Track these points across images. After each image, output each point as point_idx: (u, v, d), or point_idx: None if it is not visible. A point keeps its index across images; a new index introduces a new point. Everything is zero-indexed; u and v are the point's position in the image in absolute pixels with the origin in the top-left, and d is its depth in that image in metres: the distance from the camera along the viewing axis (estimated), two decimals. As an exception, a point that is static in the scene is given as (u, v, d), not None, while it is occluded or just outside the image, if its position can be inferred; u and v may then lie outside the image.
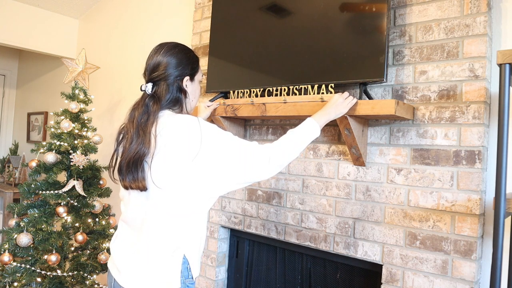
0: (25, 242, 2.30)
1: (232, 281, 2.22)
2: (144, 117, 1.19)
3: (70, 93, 2.65)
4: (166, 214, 1.17)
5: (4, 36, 3.51)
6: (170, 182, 1.15)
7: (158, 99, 1.23)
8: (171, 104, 1.27)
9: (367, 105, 1.44)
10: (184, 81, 1.30)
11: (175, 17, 2.81)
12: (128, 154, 1.16)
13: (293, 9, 1.82)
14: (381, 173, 1.62)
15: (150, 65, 1.28)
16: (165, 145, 1.15)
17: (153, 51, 1.30)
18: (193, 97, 1.36)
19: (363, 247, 1.64)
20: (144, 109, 1.21)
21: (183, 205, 1.17)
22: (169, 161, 1.14)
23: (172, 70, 1.26)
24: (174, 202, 1.16)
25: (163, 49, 1.29)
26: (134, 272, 1.19)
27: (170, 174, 1.14)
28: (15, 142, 4.85)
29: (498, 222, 1.08)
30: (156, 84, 1.26)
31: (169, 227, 1.17)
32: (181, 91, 1.29)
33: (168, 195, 1.16)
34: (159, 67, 1.26)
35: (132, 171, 1.16)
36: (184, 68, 1.29)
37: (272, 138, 2.00)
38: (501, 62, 1.10)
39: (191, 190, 1.17)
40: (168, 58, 1.27)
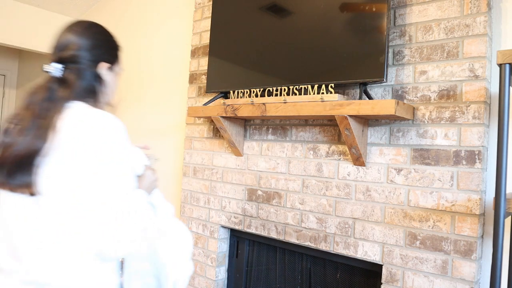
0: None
1: (232, 281, 2.22)
2: (45, 104, 0.94)
3: (70, 93, 2.64)
4: (56, 227, 0.90)
5: (4, 36, 3.51)
6: (59, 191, 0.89)
7: (68, 85, 0.98)
8: (85, 94, 1.01)
9: (367, 105, 1.44)
10: (103, 67, 1.06)
11: (175, 17, 2.81)
12: (18, 148, 0.90)
13: (293, 9, 1.82)
14: (381, 173, 1.62)
15: (60, 42, 1.03)
16: (69, 145, 0.90)
17: (68, 27, 1.06)
18: (110, 89, 1.11)
19: (363, 247, 1.64)
20: (47, 95, 0.96)
21: (75, 219, 0.90)
22: (69, 166, 0.89)
23: (90, 51, 1.03)
24: (64, 214, 0.90)
25: (80, 25, 1.06)
26: None
27: (61, 181, 0.89)
28: (15, 142, 4.85)
29: (498, 222, 1.08)
30: (67, 67, 1.00)
31: (63, 243, 0.90)
32: (97, 78, 1.04)
33: (59, 206, 0.90)
34: (72, 46, 1.01)
35: (20, 170, 0.89)
36: (104, 53, 1.07)
37: (272, 138, 2.00)
38: (501, 62, 1.10)
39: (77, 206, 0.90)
40: (86, 37, 1.04)
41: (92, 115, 0.94)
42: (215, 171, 2.24)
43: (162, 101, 2.77)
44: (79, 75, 1.00)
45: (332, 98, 1.58)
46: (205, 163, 2.30)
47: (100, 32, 1.09)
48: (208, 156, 2.29)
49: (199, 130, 2.35)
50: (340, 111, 1.50)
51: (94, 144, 0.90)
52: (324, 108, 1.55)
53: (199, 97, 2.36)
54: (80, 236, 0.90)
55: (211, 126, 2.29)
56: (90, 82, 1.02)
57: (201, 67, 2.37)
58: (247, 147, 2.11)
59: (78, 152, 0.89)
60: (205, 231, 2.25)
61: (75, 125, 0.91)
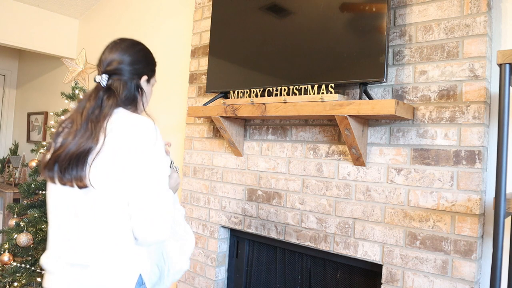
0: (25, 242, 2.30)
1: (232, 281, 2.22)
2: (97, 110, 1.08)
3: (70, 93, 2.65)
4: (105, 217, 1.05)
5: (4, 36, 3.51)
6: (110, 185, 1.04)
7: (114, 94, 1.12)
8: (127, 102, 1.16)
9: (367, 105, 1.44)
10: (142, 80, 1.23)
11: (175, 17, 2.81)
12: (71, 147, 1.03)
13: (293, 9, 1.82)
14: (381, 173, 1.62)
15: (108, 57, 1.18)
16: (114, 145, 1.04)
17: (114, 43, 1.22)
18: (146, 99, 1.27)
19: (363, 247, 1.64)
20: (96, 102, 1.10)
21: (120, 210, 1.05)
22: (116, 163, 1.04)
23: (134, 66, 1.19)
24: (112, 206, 1.04)
25: (125, 43, 1.22)
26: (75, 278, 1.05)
27: (112, 176, 1.04)
28: (15, 142, 4.85)
29: (498, 222, 1.08)
30: (112, 78, 1.16)
31: (110, 232, 1.05)
32: (138, 89, 1.20)
33: (108, 197, 1.04)
34: (119, 60, 1.17)
35: (73, 166, 1.03)
36: (144, 67, 1.24)
37: (272, 138, 2.00)
38: (501, 62, 1.10)
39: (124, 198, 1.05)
40: (132, 53, 1.21)
41: (137, 119, 1.09)
42: (215, 171, 2.24)
43: (162, 101, 2.77)
44: (123, 85, 1.16)
45: (332, 98, 1.58)
46: (205, 163, 2.30)
47: (141, 50, 1.26)
48: (208, 156, 2.29)
49: (199, 130, 2.35)
50: (340, 111, 1.50)
51: (139, 144, 1.04)
52: (324, 108, 1.55)
53: (199, 97, 2.36)
54: (127, 224, 1.05)
55: (211, 126, 2.29)
56: (132, 92, 1.18)
57: (201, 67, 2.37)
58: (247, 147, 2.11)
59: (126, 151, 1.03)
60: (205, 231, 2.25)
61: (123, 128, 1.06)
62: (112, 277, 1.05)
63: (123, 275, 1.07)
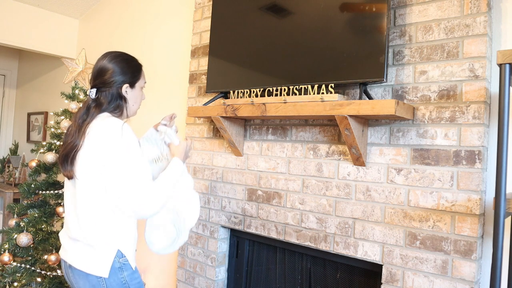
0: (25, 242, 2.30)
1: (232, 281, 2.22)
2: (83, 117, 1.37)
3: (70, 93, 2.65)
4: (84, 202, 1.33)
5: (4, 36, 3.51)
6: (86, 175, 1.32)
7: (99, 104, 1.39)
8: (112, 109, 1.41)
9: (367, 105, 1.44)
10: (124, 88, 1.43)
11: (175, 17, 2.81)
12: (66, 147, 1.35)
13: (293, 9, 1.82)
14: (381, 173, 1.62)
15: (94, 72, 1.43)
16: (89, 143, 1.32)
17: (98, 59, 1.44)
18: (133, 102, 1.48)
19: (363, 247, 1.64)
20: (85, 111, 1.39)
21: (96, 197, 1.32)
22: (88, 157, 1.31)
23: (113, 77, 1.40)
24: (90, 193, 1.32)
25: (106, 58, 1.43)
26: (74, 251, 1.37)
27: (87, 168, 1.32)
28: (15, 142, 4.85)
29: (498, 222, 1.08)
30: (99, 90, 1.41)
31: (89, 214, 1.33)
32: (120, 97, 1.42)
33: (86, 186, 1.32)
34: (101, 75, 1.40)
35: (65, 161, 1.34)
36: (123, 76, 1.42)
37: (272, 138, 2.00)
38: (501, 62, 1.10)
39: (100, 187, 1.31)
40: (110, 66, 1.41)
41: (106, 122, 1.31)
42: (215, 171, 2.24)
43: (162, 101, 2.77)
44: (107, 96, 1.40)
45: (332, 98, 1.58)
46: (205, 163, 2.30)
47: (120, 61, 1.43)
48: (208, 156, 2.29)
49: (199, 130, 2.35)
50: (340, 111, 1.50)
51: (105, 140, 1.28)
52: (324, 108, 1.55)
53: (199, 97, 2.36)
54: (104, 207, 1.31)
55: (211, 126, 2.29)
56: (116, 101, 1.42)
57: (201, 67, 2.37)
58: (247, 147, 2.11)
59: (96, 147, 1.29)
60: (205, 231, 2.25)
61: (95, 130, 1.32)
62: (94, 250, 1.33)
63: (103, 249, 1.32)
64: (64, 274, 1.44)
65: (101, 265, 1.32)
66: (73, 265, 1.35)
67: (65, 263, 1.40)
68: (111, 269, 1.31)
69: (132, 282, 1.35)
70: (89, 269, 1.32)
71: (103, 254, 1.32)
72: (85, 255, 1.34)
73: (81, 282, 1.34)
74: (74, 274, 1.36)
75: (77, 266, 1.34)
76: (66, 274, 1.42)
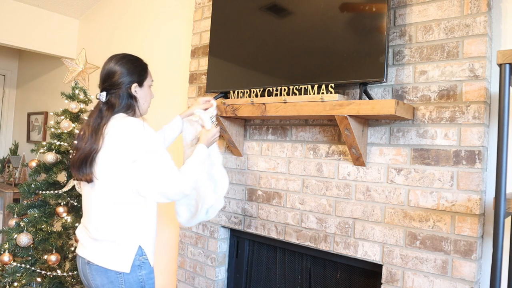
0: (25, 242, 2.30)
1: (232, 281, 2.22)
2: (98, 120, 1.40)
3: (70, 93, 2.65)
4: (106, 202, 1.38)
5: (4, 36, 3.51)
6: (108, 175, 1.36)
7: (111, 105, 1.43)
8: (125, 109, 1.45)
9: (367, 105, 1.44)
10: (133, 88, 1.47)
11: (175, 17, 2.81)
12: (82, 151, 1.37)
13: (293, 9, 1.82)
14: (381, 173, 1.62)
15: (102, 76, 1.47)
16: (110, 143, 1.35)
17: (104, 63, 1.48)
18: (144, 101, 1.53)
19: (363, 247, 1.65)
20: (98, 114, 1.42)
21: (119, 195, 1.37)
22: (111, 157, 1.35)
23: (121, 79, 1.44)
24: (112, 191, 1.36)
25: (112, 61, 1.47)
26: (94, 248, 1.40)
27: (108, 168, 1.36)
28: (15, 142, 4.85)
29: (498, 222, 1.08)
30: (109, 93, 1.45)
31: (110, 213, 1.38)
32: (131, 97, 1.47)
33: (107, 185, 1.36)
34: (110, 78, 1.44)
35: (83, 166, 1.37)
36: (131, 77, 1.46)
37: (272, 138, 2.00)
38: (501, 62, 1.10)
39: (124, 185, 1.36)
40: (117, 68, 1.45)
41: (126, 122, 1.37)
42: (215, 171, 2.24)
43: (162, 101, 2.77)
44: (118, 98, 1.44)
45: (332, 98, 1.58)
46: (205, 163, 2.30)
47: (126, 62, 1.47)
48: (208, 156, 2.29)
49: (199, 130, 2.35)
50: (340, 111, 1.50)
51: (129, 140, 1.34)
52: (324, 108, 1.55)
53: (199, 97, 2.36)
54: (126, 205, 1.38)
55: (211, 126, 2.28)
56: (127, 101, 1.46)
57: (201, 67, 2.37)
58: (247, 147, 2.11)
59: (119, 147, 1.34)
60: (205, 231, 2.25)
61: (116, 130, 1.36)
62: (117, 246, 1.37)
63: (125, 245, 1.37)
64: (80, 270, 1.45)
65: (123, 261, 1.36)
66: (92, 261, 1.38)
67: (83, 260, 1.42)
68: (131, 266, 1.36)
69: (148, 281, 1.41)
70: (109, 264, 1.36)
71: (125, 250, 1.37)
72: (106, 251, 1.37)
73: (99, 278, 1.37)
74: (92, 270, 1.38)
75: (97, 262, 1.37)
76: (82, 271, 1.44)
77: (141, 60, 1.54)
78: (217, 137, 1.68)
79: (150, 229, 1.44)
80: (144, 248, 1.40)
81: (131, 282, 1.37)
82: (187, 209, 1.72)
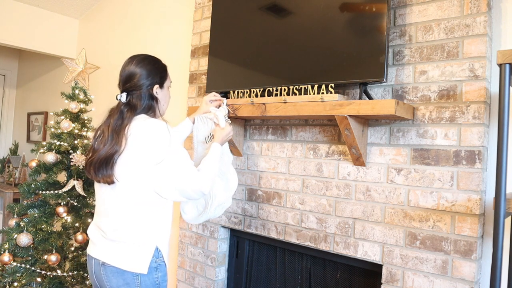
0: (25, 242, 2.30)
1: (232, 281, 2.22)
2: (119, 121, 1.38)
3: (70, 93, 2.65)
4: (126, 203, 1.37)
5: (4, 36, 3.51)
6: (130, 177, 1.35)
7: (132, 106, 1.42)
8: (146, 110, 1.44)
9: (367, 105, 1.44)
10: (154, 89, 1.47)
11: (175, 17, 2.81)
12: (102, 153, 1.35)
13: (293, 9, 1.82)
14: (381, 173, 1.62)
15: (123, 77, 1.46)
16: (133, 145, 1.34)
17: (125, 64, 1.48)
18: (164, 102, 1.53)
19: (363, 247, 1.64)
20: (119, 115, 1.40)
21: (140, 197, 1.36)
22: (133, 159, 1.34)
23: (143, 80, 1.44)
24: (132, 192, 1.36)
25: (134, 61, 1.46)
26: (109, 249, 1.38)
27: (131, 170, 1.34)
28: (15, 142, 4.85)
29: (498, 222, 1.08)
30: (130, 94, 1.44)
31: (130, 215, 1.37)
32: (152, 98, 1.47)
33: (128, 186, 1.35)
34: (131, 79, 1.44)
35: (103, 166, 1.34)
36: (153, 78, 1.46)
37: (272, 138, 2.00)
38: (501, 62, 1.10)
39: (146, 186, 1.36)
40: (139, 70, 1.44)
41: (149, 124, 1.36)
42: (215, 171, 2.24)
43: (162, 101, 2.76)
44: (139, 99, 1.44)
45: (332, 98, 1.58)
46: (205, 163, 2.29)
47: (148, 63, 1.47)
48: (208, 156, 2.29)
49: (199, 130, 2.35)
50: (340, 111, 1.50)
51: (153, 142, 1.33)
52: (324, 108, 1.55)
53: (199, 97, 2.36)
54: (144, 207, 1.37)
55: (211, 126, 2.28)
56: (148, 102, 1.45)
57: (201, 67, 2.37)
58: (247, 147, 2.11)
59: (144, 149, 1.33)
60: (205, 231, 2.25)
61: (139, 132, 1.35)
62: (134, 250, 1.36)
63: (143, 246, 1.36)
64: (92, 272, 1.42)
65: (140, 262, 1.36)
66: (108, 263, 1.36)
67: (97, 261, 1.39)
68: (148, 268, 1.36)
69: (162, 284, 1.41)
70: (126, 266, 1.34)
71: (143, 251, 1.36)
72: (123, 252, 1.36)
73: (114, 280, 1.36)
74: (107, 271, 1.36)
75: (113, 263, 1.35)
76: (95, 272, 1.41)
77: (160, 61, 1.54)
78: (231, 135, 1.69)
79: (166, 230, 1.44)
80: (160, 249, 1.40)
81: (147, 284, 1.36)
82: (195, 207, 1.73)
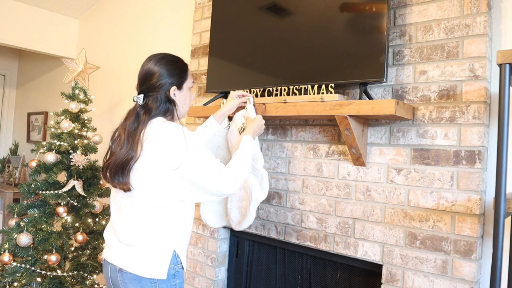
0: (25, 242, 2.30)
1: (232, 281, 2.22)
2: (134, 125, 1.32)
3: (70, 93, 2.65)
4: (144, 209, 1.31)
5: (4, 36, 3.51)
6: (146, 184, 1.29)
7: (148, 109, 1.35)
8: (162, 113, 1.38)
9: (367, 105, 1.44)
10: (172, 91, 1.39)
11: (175, 17, 2.81)
12: (118, 158, 1.29)
13: (293, 9, 1.82)
14: (381, 173, 1.62)
15: (140, 77, 1.40)
16: (149, 150, 1.28)
17: (143, 64, 1.41)
18: (183, 104, 1.45)
19: (363, 247, 1.64)
20: (135, 117, 1.34)
21: (157, 202, 1.31)
22: (149, 165, 1.28)
23: (160, 81, 1.36)
24: (150, 199, 1.30)
25: (151, 61, 1.39)
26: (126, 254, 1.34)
27: (147, 176, 1.28)
28: (15, 142, 4.85)
29: (498, 222, 1.08)
30: (147, 96, 1.37)
31: (146, 219, 1.31)
32: (169, 101, 1.39)
33: (144, 194, 1.30)
34: (148, 79, 1.37)
35: (119, 173, 1.28)
36: (170, 79, 1.38)
37: (272, 138, 2.00)
38: (501, 62, 1.10)
39: (165, 193, 1.31)
40: (156, 70, 1.37)
41: (166, 127, 1.29)
42: (215, 171, 2.24)
43: (162, 101, 2.76)
44: (156, 101, 1.36)
45: (332, 98, 1.58)
46: (205, 163, 2.29)
47: (165, 64, 1.39)
48: (208, 156, 2.28)
49: (199, 130, 2.35)
50: (340, 111, 1.50)
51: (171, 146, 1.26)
52: (324, 108, 1.55)
53: (199, 97, 2.36)
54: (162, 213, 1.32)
55: (211, 126, 2.28)
56: (165, 105, 1.38)
57: (201, 67, 2.37)
58: (247, 147, 2.10)
59: (161, 154, 1.27)
60: (205, 231, 2.25)
61: (155, 136, 1.28)
62: (152, 255, 1.32)
63: (160, 251, 1.32)
64: (108, 277, 1.38)
65: (158, 268, 1.31)
66: (125, 269, 1.32)
67: (113, 266, 1.35)
68: (167, 274, 1.32)
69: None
70: (144, 272, 1.30)
71: (161, 256, 1.32)
72: (140, 258, 1.32)
73: (132, 286, 1.31)
74: (124, 278, 1.32)
75: (130, 269, 1.31)
76: (112, 277, 1.36)
77: (181, 60, 1.46)
78: (264, 127, 1.63)
79: (184, 236, 1.39)
80: (179, 254, 1.36)
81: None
82: (239, 212, 1.71)
